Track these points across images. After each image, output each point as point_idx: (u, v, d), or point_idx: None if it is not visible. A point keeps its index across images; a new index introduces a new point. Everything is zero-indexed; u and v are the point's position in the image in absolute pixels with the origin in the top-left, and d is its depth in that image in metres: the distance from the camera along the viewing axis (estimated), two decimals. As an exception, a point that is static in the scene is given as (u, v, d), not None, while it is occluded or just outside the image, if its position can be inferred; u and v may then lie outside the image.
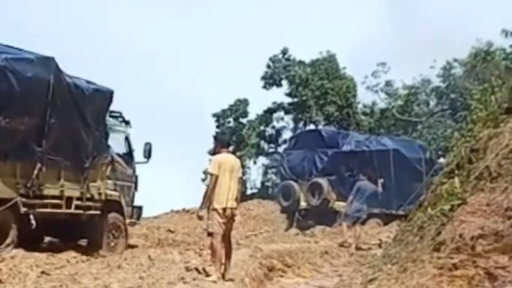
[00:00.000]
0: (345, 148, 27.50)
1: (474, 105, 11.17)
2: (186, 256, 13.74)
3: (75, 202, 15.03)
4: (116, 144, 17.35)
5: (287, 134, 42.04)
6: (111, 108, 16.89)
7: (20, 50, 13.96)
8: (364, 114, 42.04)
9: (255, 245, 16.66)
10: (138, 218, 18.78)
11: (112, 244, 15.90)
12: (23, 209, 13.38)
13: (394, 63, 45.41)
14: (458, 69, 40.29)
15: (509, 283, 6.40)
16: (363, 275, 9.90)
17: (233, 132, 38.95)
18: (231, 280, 11.32)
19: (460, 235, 7.20)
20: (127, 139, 18.32)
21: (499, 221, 6.90)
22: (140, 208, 18.73)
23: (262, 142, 41.58)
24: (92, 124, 15.47)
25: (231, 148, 12.18)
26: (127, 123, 18.29)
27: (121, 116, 18.00)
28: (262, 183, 41.68)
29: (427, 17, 54.82)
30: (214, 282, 10.75)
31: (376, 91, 42.29)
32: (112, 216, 16.43)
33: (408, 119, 39.98)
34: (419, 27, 56.58)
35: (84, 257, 12.66)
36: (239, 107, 41.58)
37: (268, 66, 40.79)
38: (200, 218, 11.82)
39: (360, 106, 42.20)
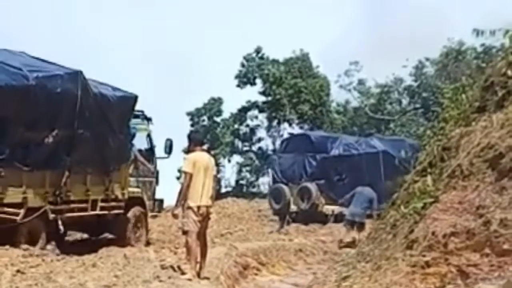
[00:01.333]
0: (334, 152, 27.67)
1: (446, 104, 11.27)
2: (161, 254, 13.74)
3: (100, 204, 15.69)
4: (138, 141, 18.10)
5: (261, 133, 42.34)
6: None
7: (50, 63, 14.61)
8: (338, 112, 42.28)
9: (230, 243, 16.68)
10: (160, 211, 19.60)
11: (137, 235, 16.80)
12: (51, 216, 14.06)
13: (366, 62, 45.63)
14: (430, 68, 40.71)
15: (481, 280, 6.48)
16: (337, 272, 9.96)
17: (207, 130, 39.02)
18: (206, 278, 11.35)
19: (433, 233, 7.28)
20: (149, 136, 18.98)
21: (471, 219, 6.99)
22: (161, 201, 19.43)
23: (236, 140, 41.66)
24: (117, 129, 16.17)
25: (205, 147, 12.20)
26: (148, 120, 18.91)
27: (143, 114, 18.56)
28: (237, 181, 41.77)
29: (399, 16, 55.28)
30: (189, 280, 10.77)
31: (349, 90, 42.60)
32: (135, 211, 17.21)
33: (381, 117, 40.27)
34: (392, 26, 57.12)
35: (59, 256, 12.60)
36: (213, 106, 41.62)
37: (242, 65, 40.89)
38: (175, 216, 11.85)
39: (333, 104, 42.47)
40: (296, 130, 41.69)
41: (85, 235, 17.80)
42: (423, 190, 8.59)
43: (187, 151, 13.10)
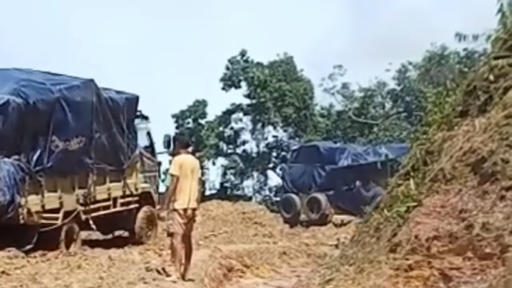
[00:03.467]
0: (343, 162, 27.85)
1: (429, 108, 11.33)
2: (146, 256, 13.78)
3: (119, 201, 17.04)
4: (140, 139, 18.89)
5: (245, 135, 42.32)
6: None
7: (61, 75, 15.80)
8: (322, 116, 42.31)
9: (214, 245, 16.72)
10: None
11: (149, 233, 17.49)
12: (83, 217, 15.36)
13: (350, 65, 45.75)
14: (413, 72, 40.89)
15: (463, 283, 6.55)
16: (320, 275, 10.01)
17: (192, 133, 38.96)
18: (191, 280, 11.40)
19: (416, 236, 7.35)
20: (148, 133, 19.98)
21: (454, 222, 7.06)
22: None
23: (221, 143, 41.60)
24: (126, 129, 17.37)
25: (190, 149, 12.25)
26: (146, 118, 19.78)
27: (141, 114, 19.27)
28: (221, 184, 41.75)
29: (382, 19, 55.40)
30: (174, 282, 10.83)
31: (333, 94, 42.63)
32: (146, 207, 18.03)
33: (364, 121, 40.35)
34: (375, 29, 57.25)
35: (44, 257, 12.62)
36: (198, 108, 41.55)
37: (227, 68, 40.89)
38: (161, 218, 11.90)
39: (317, 108, 42.49)
40: (280, 133, 41.88)
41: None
42: (406, 194, 8.64)
43: (173, 153, 13.17)
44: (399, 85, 41.32)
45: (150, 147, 19.85)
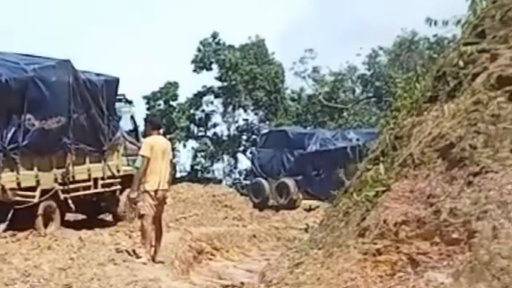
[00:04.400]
0: (311, 148, 27.84)
1: (398, 93, 11.41)
2: (116, 237, 13.73)
3: (100, 182, 16.98)
4: (124, 123, 19.02)
5: (216, 118, 42.32)
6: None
7: (36, 56, 15.75)
8: (292, 99, 42.39)
9: (184, 228, 16.71)
10: None
11: (132, 215, 17.08)
12: (62, 196, 15.39)
13: (321, 49, 45.84)
14: (383, 57, 41.13)
15: (430, 268, 6.63)
16: (290, 259, 10.07)
17: (163, 115, 38.81)
18: (161, 262, 11.40)
19: (384, 221, 7.42)
20: (132, 117, 20.07)
21: (422, 208, 7.14)
22: None
23: (191, 125, 41.56)
24: (106, 111, 17.24)
25: (161, 131, 12.22)
26: (130, 103, 19.88)
27: (124, 98, 19.36)
28: (192, 167, 41.74)
29: (354, 5, 55.40)
30: (144, 264, 10.83)
31: (304, 77, 42.74)
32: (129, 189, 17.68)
33: (335, 105, 40.50)
34: (347, 15, 57.32)
35: (14, 238, 12.59)
36: (169, 90, 41.34)
37: (199, 50, 40.73)
38: (131, 200, 11.88)
39: (288, 91, 42.55)
40: (251, 116, 41.92)
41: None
42: (375, 179, 8.70)
43: (144, 135, 13.15)
44: (369, 70, 41.53)
45: (134, 131, 19.81)
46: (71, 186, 15.81)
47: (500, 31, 8.25)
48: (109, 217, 18.17)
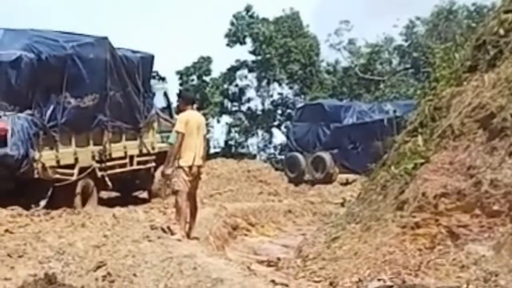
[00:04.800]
0: (348, 121, 27.64)
1: (437, 63, 11.19)
2: (150, 214, 13.70)
3: (136, 159, 17.20)
4: (157, 100, 18.90)
5: (250, 93, 42.07)
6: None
7: (76, 34, 15.74)
8: (328, 72, 42.04)
9: (219, 204, 16.67)
10: None
11: (167, 192, 17.07)
12: (99, 174, 15.54)
13: (357, 21, 45.36)
14: (421, 28, 40.47)
15: (470, 241, 6.50)
16: (326, 234, 9.99)
17: (197, 90, 38.76)
18: (196, 238, 11.32)
19: (423, 194, 7.29)
20: (165, 94, 19.95)
21: (462, 179, 6.99)
22: None
23: (225, 100, 41.41)
24: (142, 88, 17.40)
25: (195, 106, 12.09)
26: (163, 79, 20.44)
27: (157, 75, 19.70)
28: (226, 142, 41.70)
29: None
30: (179, 240, 10.74)
31: (339, 50, 42.18)
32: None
33: (371, 77, 40.08)
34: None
35: (48, 216, 12.60)
36: (203, 65, 41.21)
37: (232, 24, 40.45)
38: (166, 176, 11.77)
39: (323, 64, 42.15)
40: (286, 90, 41.69)
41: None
42: (414, 151, 8.58)
43: (178, 110, 13.04)
44: (406, 41, 40.93)
45: (168, 108, 19.72)
46: (108, 163, 15.95)
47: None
48: (143, 195, 18.26)
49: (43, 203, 13.72)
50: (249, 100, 42.22)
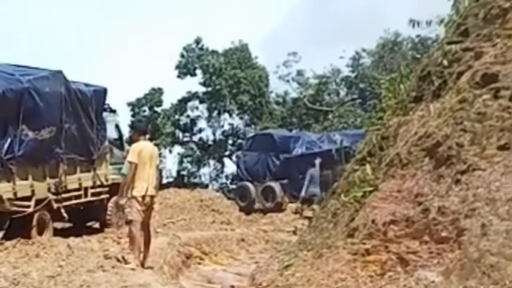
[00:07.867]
0: (297, 151, 27.87)
1: (383, 94, 11.45)
2: (104, 244, 13.73)
3: (90, 191, 17.20)
4: (109, 131, 18.93)
5: (201, 123, 42.20)
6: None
7: (31, 68, 15.95)
8: (277, 103, 42.42)
9: (172, 233, 16.73)
10: None
11: (120, 223, 17.39)
12: (55, 205, 15.54)
13: (305, 52, 45.76)
14: (367, 59, 41.16)
15: (420, 267, 6.65)
16: (279, 261, 10.07)
17: (148, 121, 38.71)
18: (150, 267, 11.36)
19: (373, 221, 7.45)
20: (117, 126, 20.13)
21: (410, 207, 7.17)
22: None
23: (177, 131, 41.41)
24: (95, 120, 17.56)
25: (147, 136, 12.21)
26: (114, 112, 19.92)
27: (109, 107, 19.33)
28: (178, 172, 41.63)
29: (337, 8, 55.48)
30: (133, 269, 10.78)
31: (288, 81, 42.69)
32: (116, 197, 17.80)
33: (319, 108, 40.49)
34: (329, 18, 57.33)
35: (2, 246, 12.55)
36: (154, 96, 41.24)
37: (182, 56, 40.61)
38: (119, 206, 11.84)
39: (272, 95, 42.56)
40: (236, 121, 41.89)
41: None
42: (363, 179, 8.74)
43: (130, 141, 13.13)
44: (353, 72, 41.55)
45: (119, 140, 20.03)
46: (64, 195, 15.95)
47: (483, 29, 8.32)
48: (96, 225, 18.25)
49: (0, 234, 13.81)
50: (200, 130, 42.33)
